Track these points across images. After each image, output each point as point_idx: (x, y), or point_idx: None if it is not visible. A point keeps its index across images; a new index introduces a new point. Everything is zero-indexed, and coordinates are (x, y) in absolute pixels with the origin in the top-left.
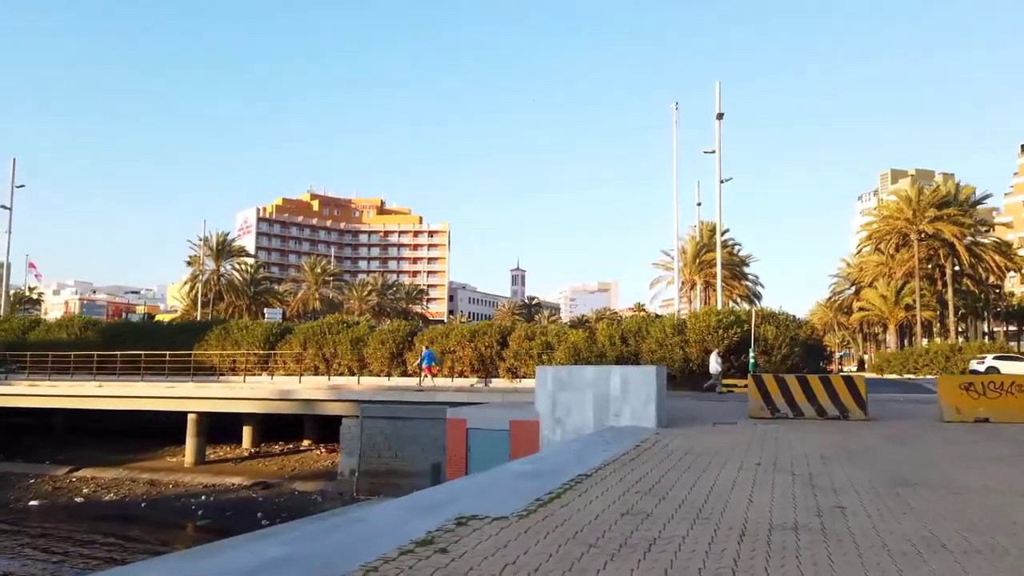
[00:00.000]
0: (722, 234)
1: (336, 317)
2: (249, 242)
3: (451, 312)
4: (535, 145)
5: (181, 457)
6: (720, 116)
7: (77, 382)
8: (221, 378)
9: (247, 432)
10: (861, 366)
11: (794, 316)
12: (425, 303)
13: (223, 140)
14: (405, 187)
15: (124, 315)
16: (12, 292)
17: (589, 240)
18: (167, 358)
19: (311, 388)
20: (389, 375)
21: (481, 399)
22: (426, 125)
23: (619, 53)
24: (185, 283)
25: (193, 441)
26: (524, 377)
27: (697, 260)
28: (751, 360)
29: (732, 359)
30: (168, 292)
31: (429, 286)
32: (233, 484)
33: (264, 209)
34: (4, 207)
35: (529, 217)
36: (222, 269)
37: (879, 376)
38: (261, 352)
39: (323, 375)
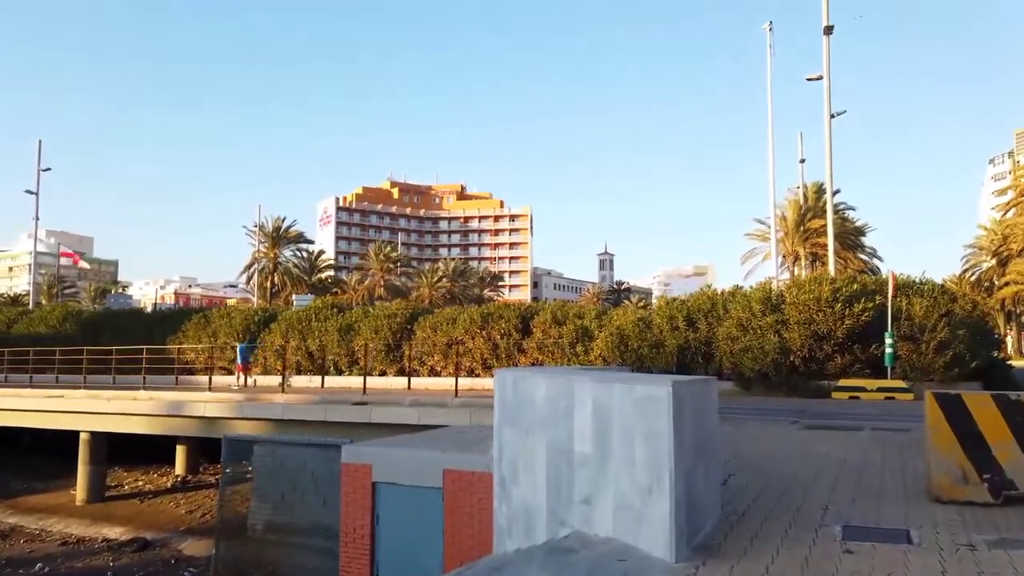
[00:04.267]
0: (833, 194)
1: (326, 300)
2: (329, 232)
3: (535, 299)
4: (618, 122)
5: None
6: (829, 30)
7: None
8: (192, 378)
9: (180, 454)
10: None
11: (941, 284)
12: (508, 290)
13: (306, 130)
14: (487, 172)
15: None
16: (93, 286)
17: (683, 220)
18: (143, 353)
19: (221, 399)
20: (384, 372)
21: (459, 416)
22: (504, 107)
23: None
24: (242, 272)
25: (86, 470)
26: None
27: (801, 228)
28: (888, 350)
29: (857, 349)
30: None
31: (511, 272)
32: (103, 540)
33: (344, 199)
34: (30, 192)
35: (617, 197)
36: (281, 257)
37: None
38: (240, 345)
39: (308, 373)
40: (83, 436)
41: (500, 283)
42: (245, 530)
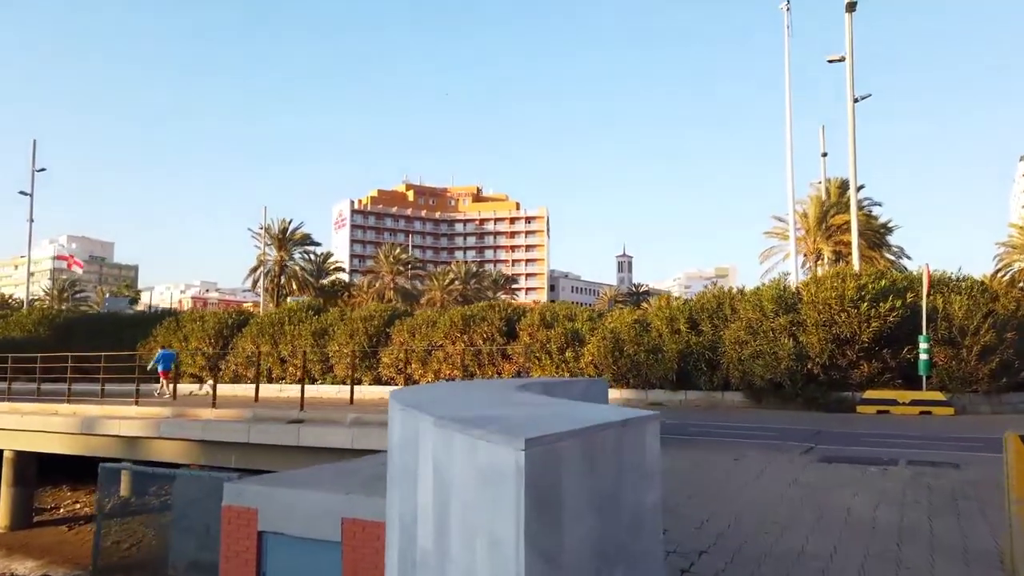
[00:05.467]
0: (858, 189)
1: (297, 303)
2: (344, 235)
3: (552, 302)
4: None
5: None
6: (851, 7)
7: None
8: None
9: (124, 472)
10: None
11: (980, 281)
12: (524, 292)
13: (320, 133)
14: (503, 175)
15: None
16: (103, 291)
17: (704, 221)
18: (100, 361)
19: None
20: (360, 380)
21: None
22: (521, 108)
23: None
24: (248, 276)
25: (9, 493)
26: None
27: (823, 225)
28: (923, 356)
29: (886, 355)
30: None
31: (528, 275)
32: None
33: (359, 202)
34: (24, 193)
35: (636, 199)
36: (288, 259)
37: None
38: (211, 351)
39: (280, 381)
40: (6, 455)
41: (515, 286)
42: (166, 569)
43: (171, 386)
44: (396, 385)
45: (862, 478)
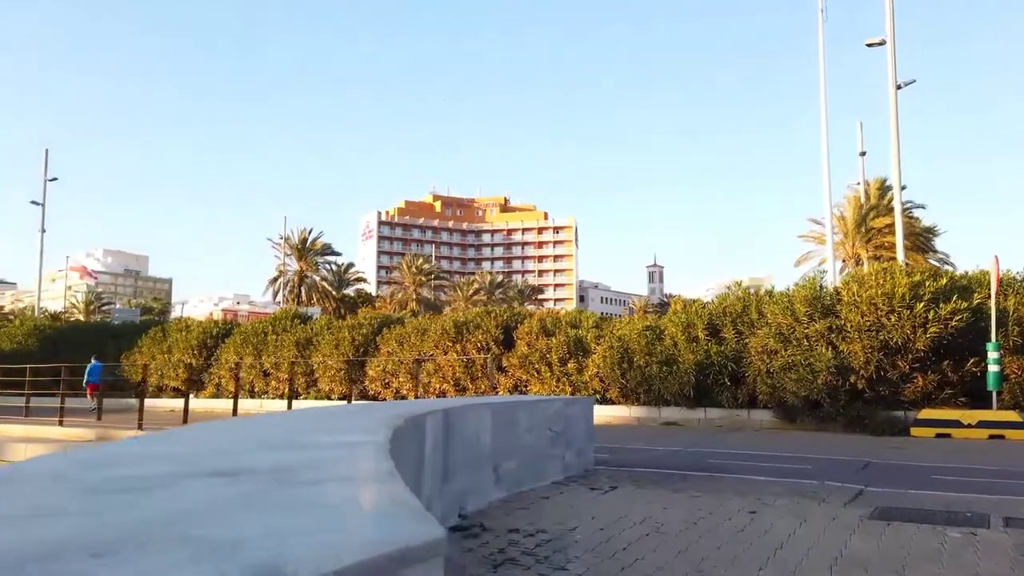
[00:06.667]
0: (901, 189)
1: (286, 311)
2: (371, 246)
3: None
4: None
5: None
6: None
7: None
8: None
9: None
10: None
11: None
12: (552, 303)
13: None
14: (531, 185)
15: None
16: (133, 303)
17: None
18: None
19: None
20: (345, 396)
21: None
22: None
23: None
24: (268, 287)
25: None
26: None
27: (862, 228)
28: (993, 368)
29: (946, 367)
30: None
31: (556, 285)
32: None
33: (386, 213)
34: (36, 203)
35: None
36: (308, 270)
37: None
38: (195, 362)
39: (262, 396)
40: None
41: (543, 296)
42: None
43: (95, 399)
44: (385, 399)
45: (942, 551)
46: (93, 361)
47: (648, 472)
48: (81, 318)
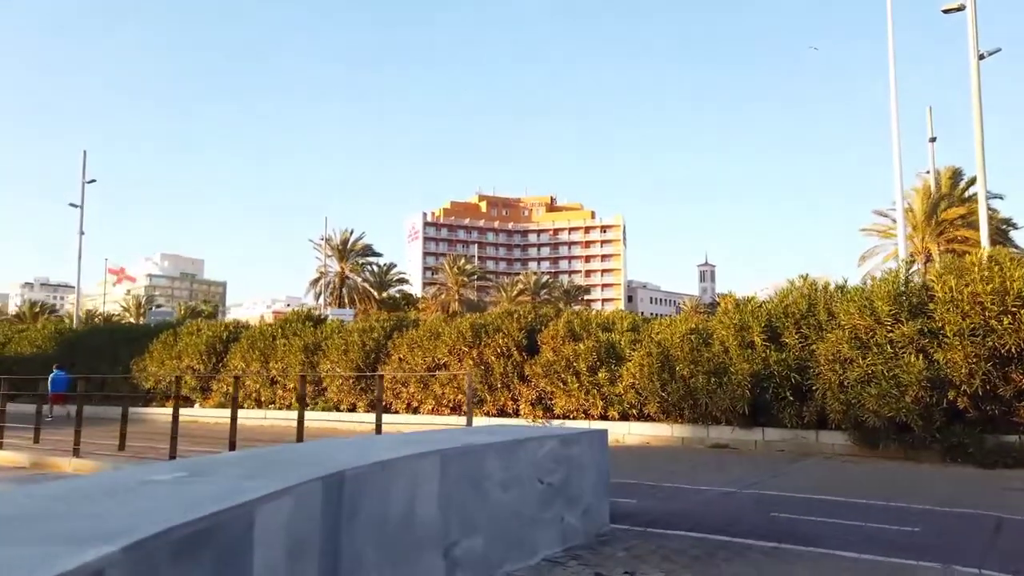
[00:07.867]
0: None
1: (299, 312)
2: (417, 247)
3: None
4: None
5: None
6: None
7: None
8: (142, 410)
9: None
10: None
11: None
12: (600, 304)
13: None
14: (577, 184)
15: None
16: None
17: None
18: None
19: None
20: (353, 407)
21: None
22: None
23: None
24: (309, 289)
25: None
26: (566, 416)
27: (932, 220)
28: None
29: None
30: None
31: (604, 285)
32: None
33: (432, 214)
34: (74, 205)
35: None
36: (349, 271)
37: None
38: (203, 369)
39: (269, 406)
40: None
41: (590, 296)
42: None
43: (53, 411)
44: (395, 412)
45: None
46: (55, 370)
47: (687, 539)
48: (132, 320)
